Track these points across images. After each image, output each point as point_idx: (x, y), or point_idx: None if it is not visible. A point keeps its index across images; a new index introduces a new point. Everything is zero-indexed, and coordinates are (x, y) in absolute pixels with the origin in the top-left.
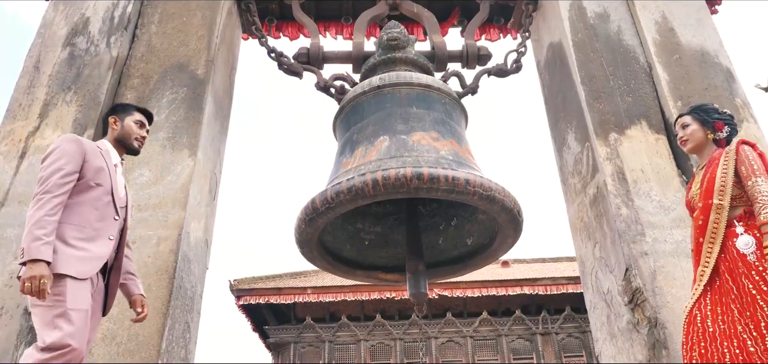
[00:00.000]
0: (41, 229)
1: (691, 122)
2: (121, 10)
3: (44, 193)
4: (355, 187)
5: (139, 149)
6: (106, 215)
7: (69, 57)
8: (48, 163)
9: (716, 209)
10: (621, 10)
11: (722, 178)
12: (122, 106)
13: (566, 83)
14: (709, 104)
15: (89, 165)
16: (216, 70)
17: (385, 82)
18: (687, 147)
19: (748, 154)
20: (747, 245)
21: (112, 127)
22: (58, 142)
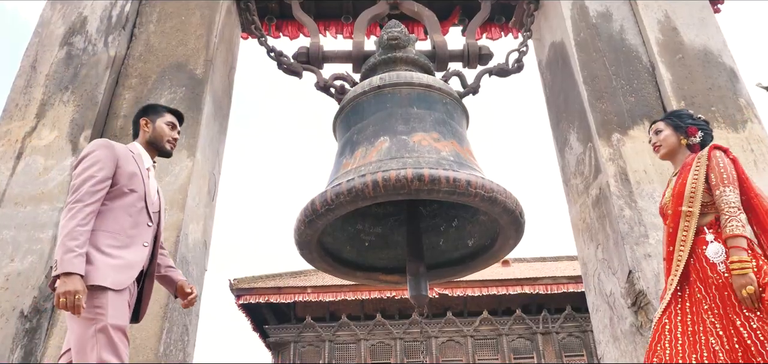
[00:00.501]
0: (74, 240)
1: (664, 128)
2: (119, 10)
3: (76, 202)
4: (355, 188)
5: (171, 151)
6: (140, 221)
7: (66, 56)
8: (80, 169)
9: (685, 216)
10: (623, 9)
11: (693, 185)
12: (152, 107)
13: (568, 83)
14: (684, 110)
15: (122, 170)
16: (215, 69)
17: (385, 82)
18: (660, 153)
19: (719, 161)
20: (717, 253)
21: (143, 130)
22: (91, 148)
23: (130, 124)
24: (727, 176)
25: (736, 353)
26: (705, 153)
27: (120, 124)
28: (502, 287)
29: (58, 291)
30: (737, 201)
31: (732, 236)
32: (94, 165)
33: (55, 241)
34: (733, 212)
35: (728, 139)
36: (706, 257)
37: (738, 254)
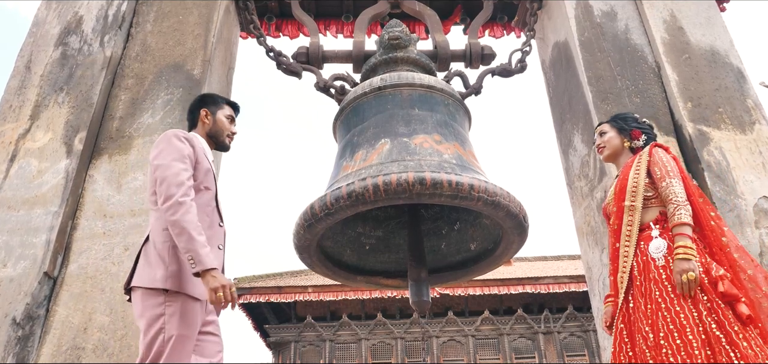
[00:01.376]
0: (201, 234)
1: (609, 130)
2: (115, 9)
3: (184, 195)
4: (355, 192)
5: (230, 146)
6: (214, 222)
7: (61, 57)
8: (167, 160)
9: (629, 210)
10: (628, 8)
11: (634, 180)
12: (211, 97)
13: (572, 84)
14: (629, 113)
15: (200, 166)
16: (212, 70)
17: (386, 82)
18: (603, 155)
19: (661, 156)
20: (658, 248)
21: (203, 121)
22: (170, 139)
23: (126, 125)
24: (671, 169)
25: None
26: (646, 150)
27: (116, 125)
28: (504, 287)
29: (211, 286)
30: (683, 193)
31: (679, 223)
32: (181, 158)
33: (49, 245)
34: (680, 202)
35: (736, 141)
36: (650, 253)
37: (683, 240)
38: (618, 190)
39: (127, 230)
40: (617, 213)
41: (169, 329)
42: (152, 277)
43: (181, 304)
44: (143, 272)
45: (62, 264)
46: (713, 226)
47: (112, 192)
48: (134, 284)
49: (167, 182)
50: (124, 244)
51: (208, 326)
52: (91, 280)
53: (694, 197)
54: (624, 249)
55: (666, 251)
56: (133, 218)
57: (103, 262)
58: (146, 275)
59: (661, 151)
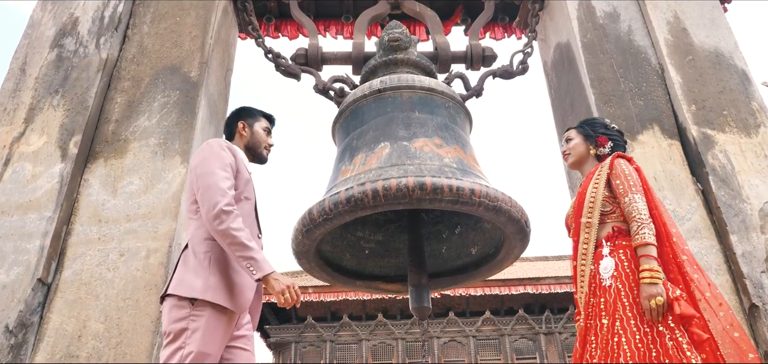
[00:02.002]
0: (252, 240)
1: (575, 136)
2: (111, 10)
3: (229, 204)
4: (354, 197)
5: (267, 158)
6: (253, 234)
7: (56, 59)
8: (209, 168)
9: (585, 227)
10: (631, 9)
11: (593, 194)
12: (248, 110)
13: (574, 85)
14: (599, 118)
15: (240, 175)
16: (210, 72)
17: (386, 85)
18: (568, 162)
19: (623, 168)
20: (606, 269)
21: (240, 133)
22: (213, 148)
23: (121, 128)
24: (633, 183)
25: None
26: (607, 161)
27: (111, 129)
28: (505, 287)
29: (277, 290)
30: (646, 209)
31: (643, 244)
32: (224, 168)
33: (43, 251)
34: (643, 219)
35: (741, 144)
36: (599, 273)
37: (649, 262)
38: (576, 204)
39: (123, 236)
40: (575, 230)
41: (189, 345)
42: (190, 286)
43: (207, 319)
44: (182, 281)
45: (56, 270)
46: (674, 242)
47: (107, 197)
48: (170, 291)
49: (211, 191)
50: (120, 249)
51: (239, 341)
52: (86, 286)
53: (657, 211)
54: (581, 268)
55: (614, 270)
56: (128, 223)
57: (98, 268)
58: (184, 283)
59: (624, 162)
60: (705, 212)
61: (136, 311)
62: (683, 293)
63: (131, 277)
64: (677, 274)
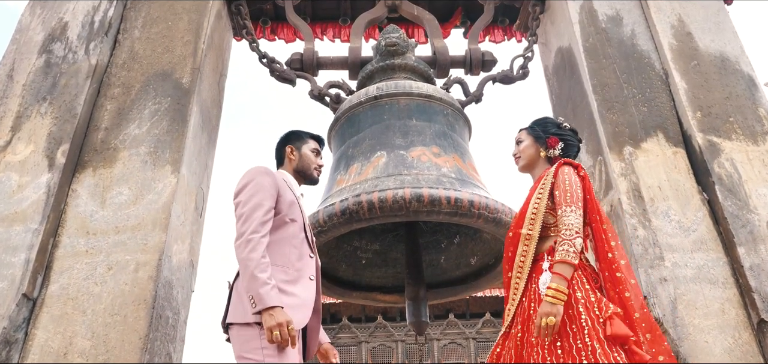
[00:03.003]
0: (263, 272)
1: (525, 137)
2: (102, 14)
3: (253, 232)
4: (349, 209)
5: (318, 179)
6: (304, 253)
7: (45, 65)
8: (245, 197)
9: (525, 239)
10: (635, 12)
11: (535, 204)
12: (295, 134)
13: (576, 91)
14: (551, 118)
15: (283, 199)
16: (202, 78)
17: (382, 92)
18: (518, 165)
19: (565, 177)
20: (544, 284)
21: (289, 158)
22: (252, 175)
23: (111, 136)
24: (570, 195)
25: None
26: (553, 169)
27: (100, 137)
28: None
29: (268, 325)
30: (578, 224)
31: (560, 261)
32: (258, 192)
33: (28, 265)
34: (569, 235)
35: (748, 152)
36: (539, 287)
37: (557, 282)
38: (519, 213)
39: (111, 248)
40: (513, 239)
41: (267, 357)
42: (245, 311)
43: None
44: (236, 309)
45: (43, 284)
46: (610, 259)
47: (95, 207)
48: (230, 320)
49: (242, 219)
50: (108, 263)
51: None
52: (73, 301)
53: (598, 224)
54: (515, 281)
55: None
56: (117, 235)
57: (85, 282)
58: (239, 311)
59: (568, 170)
60: (711, 223)
61: (124, 327)
62: (619, 311)
63: (119, 291)
64: (613, 293)
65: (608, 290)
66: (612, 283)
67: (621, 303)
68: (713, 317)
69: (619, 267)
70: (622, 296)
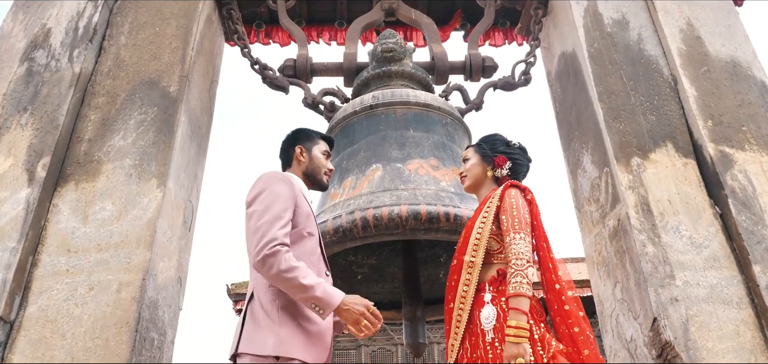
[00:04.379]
0: (307, 275)
1: (472, 156)
2: (86, 20)
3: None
4: (342, 227)
5: (328, 185)
6: (320, 271)
7: (26, 73)
8: (260, 207)
9: (467, 266)
10: (641, 16)
11: (479, 229)
12: (305, 132)
13: (581, 98)
14: (499, 135)
15: (300, 210)
16: (191, 86)
17: (378, 101)
18: (464, 185)
19: (512, 201)
20: (488, 318)
21: (298, 159)
22: (267, 182)
23: (94, 148)
24: (519, 221)
25: None
26: (499, 192)
27: (84, 149)
28: None
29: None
30: (528, 252)
31: (514, 294)
32: (276, 202)
33: (5, 286)
34: (521, 265)
35: (762, 163)
36: (480, 321)
37: (517, 318)
38: (463, 238)
39: (93, 267)
40: (456, 267)
41: None
42: (262, 343)
43: None
44: (252, 337)
45: (21, 306)
46: (558, 290)
47: (77, 224)
48: (242, 350)
49: (260, 233)
50: (89, 282)
51: None
52: (52, 324)
53: (545, 252)
54: (458, 312)
55: (495, 320)
56: (99, 253)
57: (65, 303)
58: (256, 340)
59: (514, 193)
60: (724, 239)
61: (105, 352)
62: (567, 347)
63: (101, 313)
64: (563, 329)
65: (557, 324)
66: (561, 316)
67: (570, 339)
68: (728, 339)
69: (568, 299)
70: (571, 330)
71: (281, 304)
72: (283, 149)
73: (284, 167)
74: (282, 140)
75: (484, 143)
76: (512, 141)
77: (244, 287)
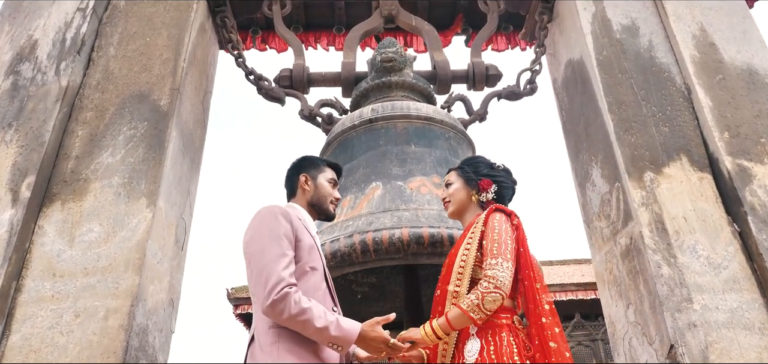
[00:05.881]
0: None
1: (455, 180)
2: (74, 31)
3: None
4: (340, 252)
5: (335, 215)
6: (326, 306)
7: (12, 88)
8: (258, 247)
9: (451, 297)
10: (652, 22)
11: (463, 257)
12: (310, 160)
13: (590, 109)
14: (482, 157)
15: (302, 244)
16: (183, 99)
17: (378, 114)
18: (448, 211)
19: (495, 225)
20: (470, 352)
21: (303, 188)
22: (263, 220)
23: (82, 166)
24: (499, 246)
25: None
26: (482, 217)
27: (70, 166)
28: None
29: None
30: (503, 278)
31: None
32: (276, 242)
33: None
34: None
35: None
36: (464, 356)
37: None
38: (446, 266)
39: (79, 293)
40: (440, 298)
41: None
42: None
43: None
44: None
45: (3, 335)
46: (544, 325)
47: (63, 246)
48: None
49: (264, 275)
50: (75, 309)
51: None
52: (35, 354)
53: (531, 282)
54: (443, 347)
55: (478, 353)
56: (85, 277)
57: (49, 331)
58: None
59: (498, 218)
60: (744, 259)
61: None
62: None
63: (87, 342)
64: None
65: (537, 360)
66: (542, 353)
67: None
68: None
69: (554, 336)
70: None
71: (282, 346)
72: (288, 178)
73: (289, 197)
74: (287, 169)
75: (467, 166)
76: (496, 163)
77: (244, 291)
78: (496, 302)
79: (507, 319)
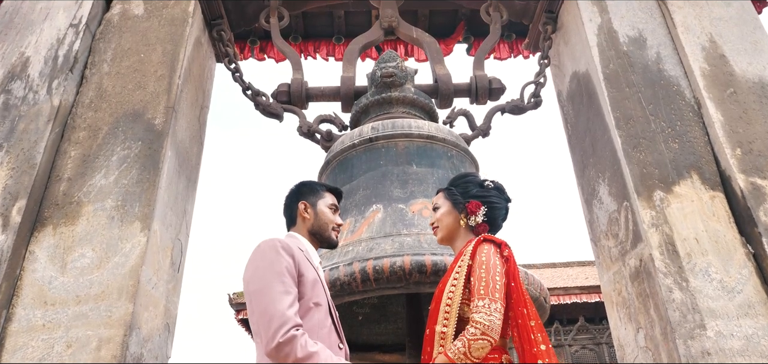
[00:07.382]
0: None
1: (442, 203)
2: (67, 48)
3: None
4: (340, 281)
5: (337, 242)
6: (332, 344)
7: (2, 107)
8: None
9: (439, 338)
10: (659, 33)
11: (449, 295)
12: (309, 186)
13: (596, 123)
14: (472, 176)
15: (305, 279)
16: (178, 116)
17: (378, 133)
18: (437, 237)
19: (483, 259)
20: None
21: (302, 217)
22: (263, 257)
23: (74, 188)
24: (486, 284)
25: None
26: (470, 249)
27: (63, 189)
28: None
29: None
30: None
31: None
32: (277, 279)
33: None
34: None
35: None
36: None
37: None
38: (433, 304)
39: (71, 322)
40: (428, 338)
41: None
42: None
43: None
44: None
45: None
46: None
47: (55, 273)
48: None
49: (268, 316)
50: (67, 339)
51: None
52: None
53: (525, 320)
54: None
55: None
56: (77, 305)
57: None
58: None
59: (486, 250)
60: (758, 282)
61: None
62: None
63: None
64: None
65: None
66: None
67: None
68: None
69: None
70: None
71: None
72: (286, 206)
73: (289, 225)
74: (285, 196)
75: (454, 187)
76: (486, 181)
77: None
78: (484, 349)
79: (495, 360)
